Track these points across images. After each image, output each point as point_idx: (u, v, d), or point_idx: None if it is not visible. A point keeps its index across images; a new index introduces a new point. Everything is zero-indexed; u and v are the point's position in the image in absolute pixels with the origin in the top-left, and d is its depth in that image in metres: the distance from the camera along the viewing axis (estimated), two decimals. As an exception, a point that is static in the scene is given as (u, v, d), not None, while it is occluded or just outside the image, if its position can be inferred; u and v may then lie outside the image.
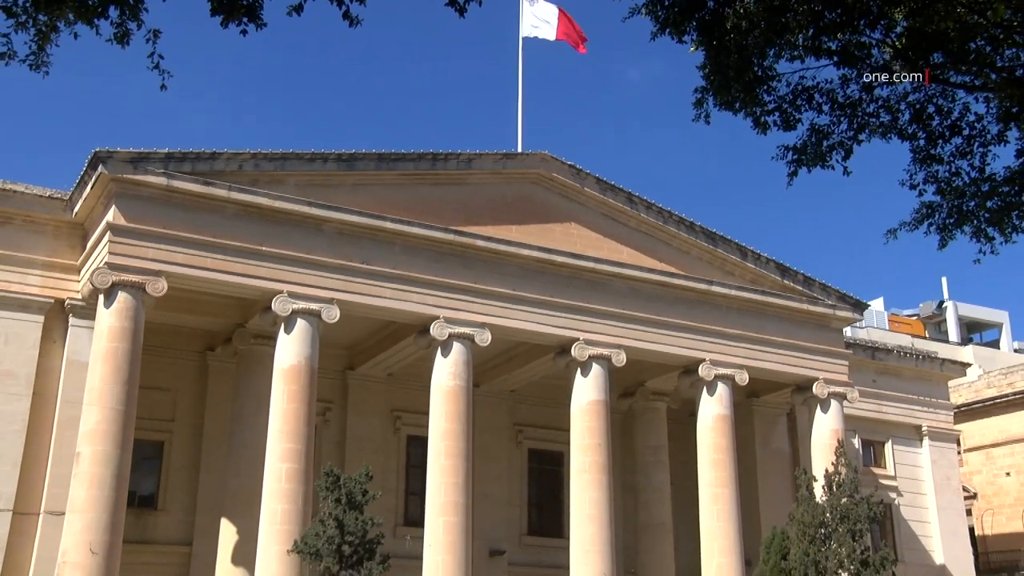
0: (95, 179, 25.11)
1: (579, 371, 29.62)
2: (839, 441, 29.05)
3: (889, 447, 39.53)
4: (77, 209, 26.50)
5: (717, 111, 14.01)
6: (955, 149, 14.46)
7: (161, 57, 10.90)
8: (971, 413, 48.11)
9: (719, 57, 13.22)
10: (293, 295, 26.11)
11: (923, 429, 39.94)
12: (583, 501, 28.52)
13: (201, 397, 30.48)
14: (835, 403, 32.66)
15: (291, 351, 25.99)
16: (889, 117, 14.40)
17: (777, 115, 14.13)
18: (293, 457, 25.05)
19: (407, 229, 27.72)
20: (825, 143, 14.39)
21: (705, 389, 31.27)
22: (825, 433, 32.20)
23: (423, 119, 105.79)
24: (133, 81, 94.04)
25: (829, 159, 14.51)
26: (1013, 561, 45.41)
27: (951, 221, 14.91)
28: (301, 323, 26.11)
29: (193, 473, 29.80)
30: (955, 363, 42.58)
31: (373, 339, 31.31)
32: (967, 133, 14.32)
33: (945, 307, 67.56)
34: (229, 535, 27.40)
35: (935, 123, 14.31)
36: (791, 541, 24.43)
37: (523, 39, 33.79)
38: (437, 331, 27.71)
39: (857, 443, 38.01)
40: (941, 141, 14.40)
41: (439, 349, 27.90)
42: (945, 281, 69.83)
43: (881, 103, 14.34)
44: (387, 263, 27.45)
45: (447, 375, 27.74)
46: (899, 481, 39.24)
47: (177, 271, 25.14)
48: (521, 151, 30.94)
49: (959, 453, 43.96)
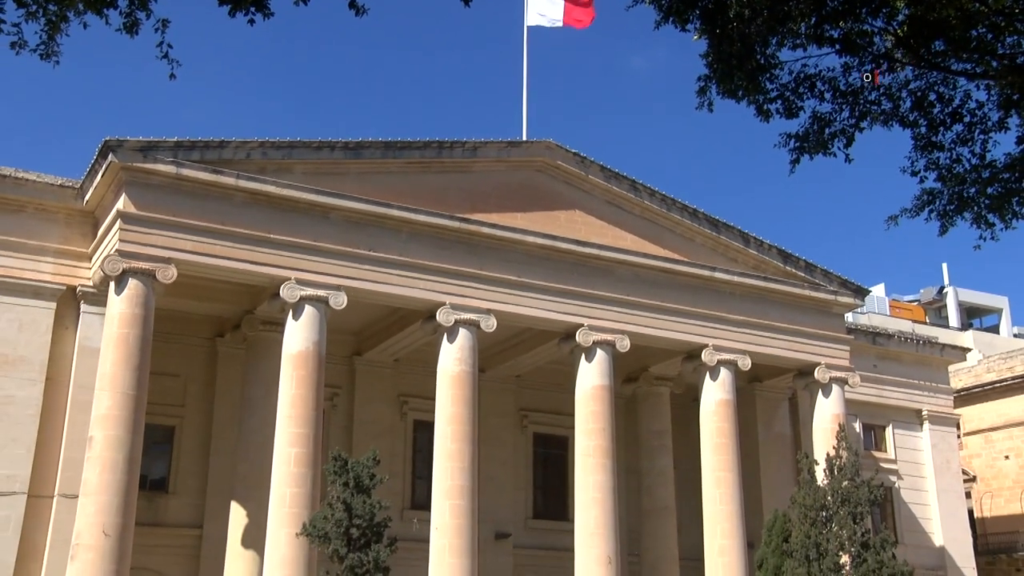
0: (105, 168, 25.14)
1: (583, 356, 29.63)
2: (840, 425, 29.05)
3: (890, 431, 39.54)
4: (88, 197, 26.53)
5: (720, 99, 13.99)
6: (956, 136, 14.42)
7: (170, 47, 10.90)
8: (971, 397, 48.10)
9: (722, 45, 13.18)
10: (301, 282, 26.13)
11: (923, 413, 39.95)
12: (587, 485, 28.58)
13: (211, 383, 30.55)
14: (836, 388, 32.66)
15: (299, 337, 26.04)
16: (890, 105, 14.35)
17: (779, 103, 14.09)
18: (301, 442, 25.13)
19: (413, 216, 27.72)
20: (827, 130, 14.36)
21: (708, 374, 31.29)
22: (826, 417, 32.22)
23: (428, 107, 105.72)
24: (142, 70, 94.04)
25: (831, 146, 14.48)
26: (1011, 542, 45.51)
27: (952, 208, 14.88)
28: (309, 309, 26.14)
29: (203, 457, 29.89)
30: (955, 348, 42.53)
31: (380, 325, 31.35)
32: (968, 120, 14.28)
33: (945, 293, 67.43)
34: (239, 518, 27.52)
35: (936, 110, 14.27)
36: (793, 524, 24.48)
37: (528, 28, 33.68)
38: (443, 317, 27.73)
39: (858, 427, 38.02)
40: (942, 128, 14.36)
41: (445, 335, 27.94)
42: (945, 267, 69.78)
43: (882, 91, 14.29)
44: (394, 250, 27.46)
45: (453, 361, 27.77)
46: (899, 464, 39.27)
47: (186, 258, 25.18)
48: (526, 139, 30.89)
49: (959, 437, 43.97)
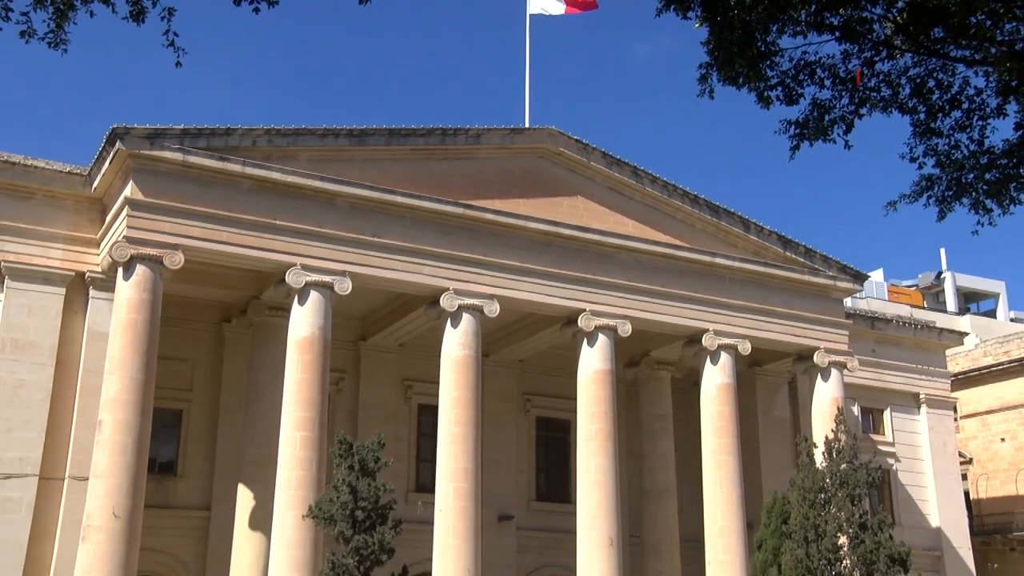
0: (113, 155, 25.13)
1: (585, 341, 29.64)
2: (839, 409, 29.06)
3: (888, 414, 39.56)
4: (96, 184, 26.53)
5: (721, 86, 13.92)
6: (955, 123, 14.36)
7: (176, 35, 10.90)
8: (968, 381, 48.09)
9: (723, 33, 13.13)
10: (306, 268, 26.14)
11: (921, 397, 39.96)
12: (589, 467, 28.63)
13: (218, 367, 30.61)
14: (835, 372, 32.67)
15: (305, 322, 26.06)
16: (890, 91, 14.29)
17: (780, 90, 14.04)
18: (307, 425, 25.18)
19: (417, 203, 27.70)
20: (827, 117, 14.31)
21: (708, 359, 31.30)
22: (825, 401, 32.24)
23: (432, 95, 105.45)
24: (149, 58, 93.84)
25: (831, 133, 14.42)
26: (1006, 523, 45.60)
27: (950, 193, 14.84)
28: (314, 295, 26.16)
29: (211, 440, 29.98)
30: (953, 332, 42.50)
31: (385, 310, 31.36)
32: (967, 107, 14.22)
33: (943, 278, 67.33)
34: (246, 500, 27.61)
35: (935, 97, 14.20)
36: (792, 506, 24.51)
37: (530, 16, 33.55)
38: (447, 302, 27.74)
39: (856, 411, 38.04)
40: (941, 115, 14.30)
41: (449, 320, 27.95)
42: (944, 252, 69.68)
43: (882, 78, 14.23)
44: (398, 236, 27.45)
45: (457, 345, 27.79)
46: (897, 447, 39.29)
47: (193, 244, 25.19)
48: (528, 126, 30.83)
49: (955, 420, 43.98)
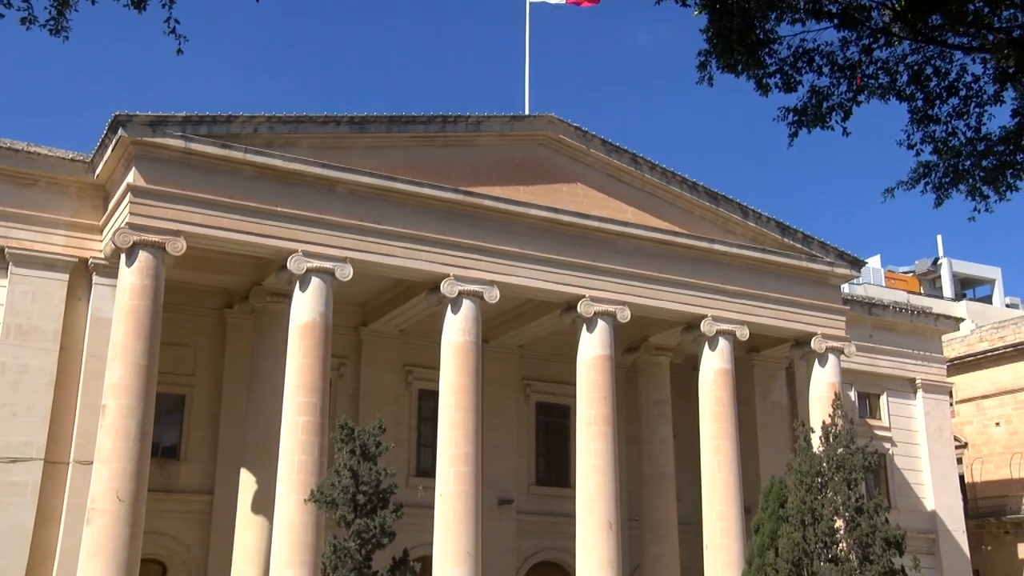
0: (115, 142, 25.08)
1: (585, 327, 29.64)
2: (836, 394, 29.04)
3: (884, 399, 39.60)
4: (99, 171, 26.48)
5: (720, 73, 13.86)
6: (952, 109, 14.30)
7: (177, 22, 10.87)
8: (963, 366, 48.15)
9: (722, 20, 13.07)
10: (308, 254, 26.11)
11: (917, 382, 39.99)
12: (589, 452, 28.67)
13: (220, 353, 30.63)
14: (832, 357, 32.68)
15: (306, 308, 26.05)
16: (888, 78, 14.22)
17: (778, 77, 13.97)
18: (309, 410, 25.20)
19: (418, 190, 27.66)
20: (825, 104, 14.25)
21: (707, 344, 31.30)
22: (822, 386, 32.27)
23: (432, 82, 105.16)
24: (151, 46, 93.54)
25: (829, 120, 14.37)
26: (1000, 506, 45.77)
27: (947, 180, 14.79)
28: (315, 281, 26.14)
29: (213, 425, 30.02)
30: (949, 318, 42.51)
31: (385, 296, 31.35)
32: (964, 94, 14.15)
33: (940, 264, 67.29)
34: (248, 484, 27.66)
35: (933, 84, 14.14)
36: (789, 490, 24.53)
37: (531, 3, 33.42)
38: (447, 289, 27.73)
39: (853, 395, 38.08)
40: (938, 102, 14.25)
41: (449, 306, 27.94)
42: (940, 239, 69.62)
43: (880, 65, 14.17)
44: (399, 223, 27.42)
45: (457, 331, 27.79)
46: (893, 432, 39.34)
47: (196, 231, 25.16)
48: (528, 113, 30.76)
49: (951, 405, 44.04)
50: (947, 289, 66.22)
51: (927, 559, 36.48)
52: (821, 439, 25.04)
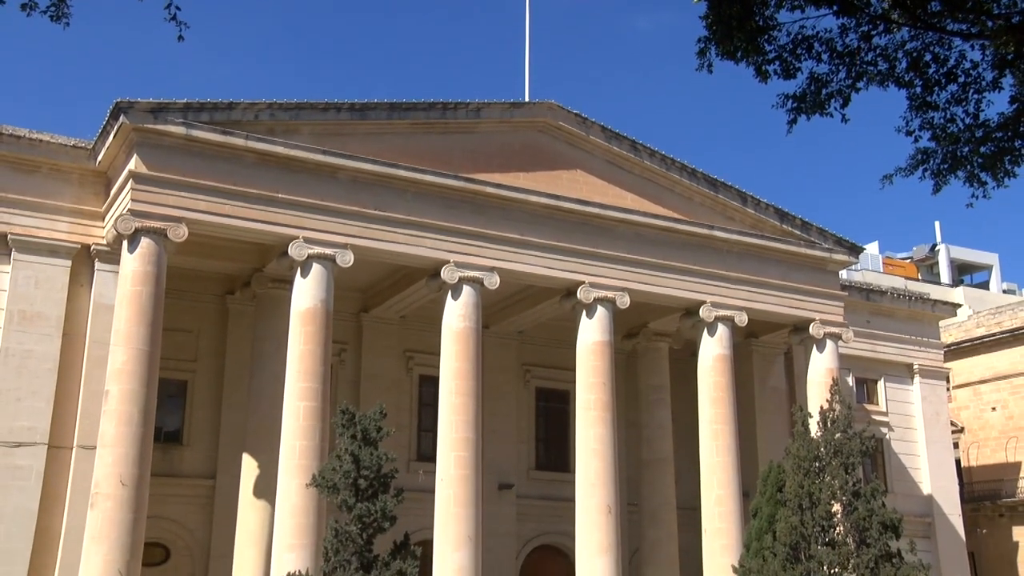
0: (117, 129, 25.02)
1: (584, 313, 29.64)
2: (834, 379, 29.03)
3: (882, 384, 39.63)
4: (100, 158, 26.43)
5: (720, 60, 13.82)
6: (950, 96, 14.27)
7: (178, 8, 10.85)
8: (960, 351, 48.20)
9: (721, 7, 13.03)
10: (309, 240, 26.09)
11: (914, 367, 40.02)
12: (588, 437, 28.71)
13: (222, 338, 30.64)
14: (830, 343, 32.70)
15: (307, 294, 26.04)
16: (886, 65, 14.18)
17: (778, 64, 13.93)
18: (310, 396, 25.23)
19: (418, 176, 27.61)
20: (824, 91, 14.22)
21: (706, 330, 31.31)
22: (820, 371, 32.29)
23: (432, 69, 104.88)
24: (152, 32, 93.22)
25: (828, 107, 14.34)
26: (995, 490, 45.93)
27: (945, 166, 14.76)
28: (317, 267, 26.13)
29: (215, 410, 30.06)
30: (946, 304, 42.51)
31: (386, 283, 31.33)
32: (962, 80, 14.12)
33: (938, 250, 67.28)
34: (251, 469, 27.72)
35: (931, 71, 14.10)
36: (787, 474, 24.55)
37: (530, -10, 33.27)
38: (448, 275, 27.71)
39: (851, 381, 38.11)
40: (937, 88, 14.21)
41: (450, 292, 27.94)
42: (938, 225, 69.63)
43: (879, 51, 14.12)
44: (399, 209, 27.38)
45: (457, 317, 27.79)
46: (890, 417, 39.40)
47: (197, 217, 25.13)
48: (528, 100, 30.68)
49: (948, 390, 44.10)
50: (945, 275, 66.23)
51: (923, 542, 36.56)
52: (819, 424, 25.04)
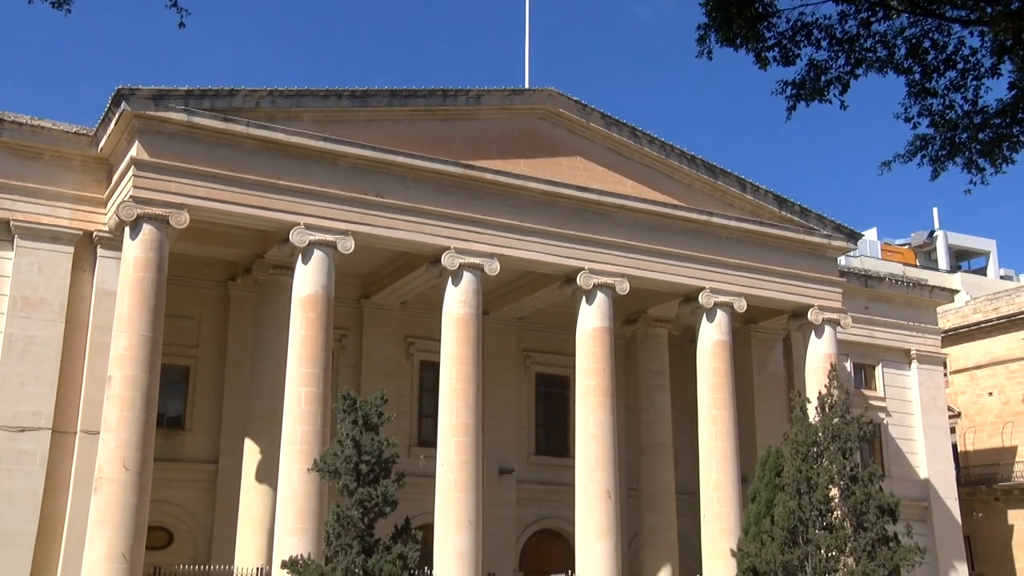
0: (118, 116, 24.95)
1: (584, 299, 29.62)
2: (832, 365, 29.08)
3: (879, 370, 39.63)
4: (102, 145, 26.37)
5: (719, 47, 13.76)
6: (949, 83, 14.20)
7: (178, -5, 10.76)
8: (957, 337, 48.20)
9: (721, -6, 12.96)
10: (310, 227, 26.05)
11: (912, 353, 40.01)
12: (588, 422, 28.73)
13: (224, 324, 30.64)
14: (829, 329, 32.69)
15: (308, 281, 26.02)
16: (885, 52, 14.11)
17: (777, 51, 13.86)
18: (312, 381, 25.24)
19: (419, 163, 27.55)
20: (823, 78, 14.15)
21: (705, 316, 31.29)
22: (819, 357, 32.29)
23: (433, 56, 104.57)
24: (153, 19, 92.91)
25: (827, 93, 14.27)
26: (991, 474, 46.03)
27: (944, 153, 14.70)
28: (318, 254, 26.10)
29: (218, 396, 30.08)
30: (944, 290, 42.46)
31: (387, 269, 31.30)
32: (961, 67, 14.05)
33: (935, 236, 67.21)
34: (253, 454, 27.75)
35: (930, 57, 14.04)
36: (785, 459, 24.61)
37: (530, -23, 33.11)
38: (448, 261, 27.68)
39: (849, 366, 38.11)
40: (936, 75, 14.15)
41: (450, 278, 27.91)
42: (936, 211, 69.53)
43: (878, 38, 14.05)
44: (400, 196, 27.33)
45: (458, 303, 27.78)
46: (888, 402, 39.42)
47: (199, 204, 25.09)
48: (528, 87, 30.58)
49: (945, 375, 44.12)
50: (942, 261, 66.19)
51: (920, 526, 36.62)
52: (817, 409, 25.09)
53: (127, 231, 24.69)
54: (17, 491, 24.53)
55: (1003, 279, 65.52)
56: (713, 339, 31.15)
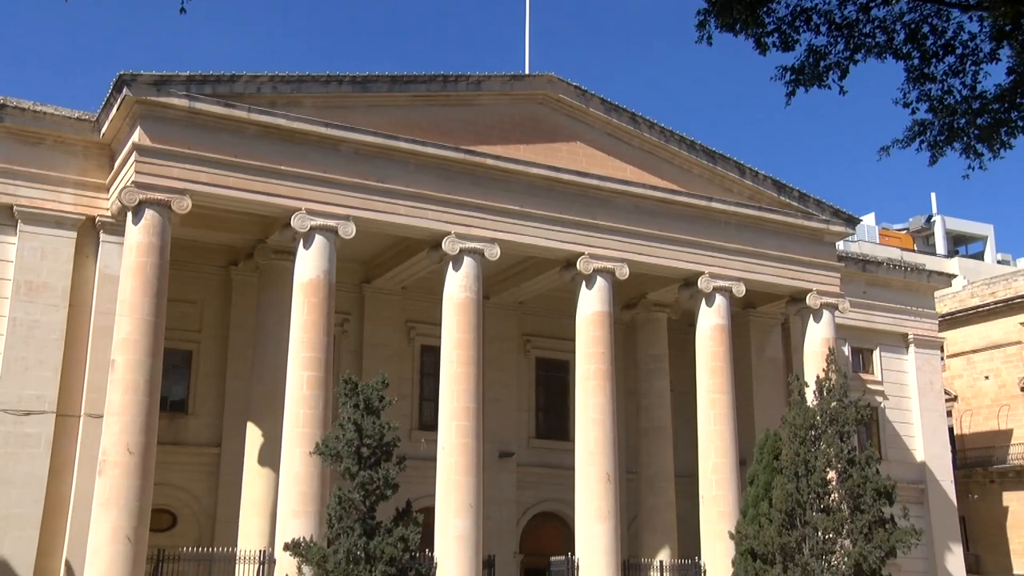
0: (120, 101, 24.89)
1: (584, 284, 29.61)
2: (830, 349, 29.10)
3: (877, 354, 39.67)
4: (104, 130, 26.32)
5: (719, 33, 13.67)
6: (948, 68, 14.13)
7: (179, -19, 10.71)
8: (955, 321, 48.24)
9: (721, -21, 12.88)
10: (311, 212, 26.03)
11: (909, 337, 40.04)
12: (587, 406, 28.77)
13: (226, 309, 30.65)
14: (827, 313, 32.69)
15: (310, 266, 26.01)
16: (884, 37, 14.03)
17: (776, 36, 13.77)
18: (313, 365, 25.26)
19: (420, 148, 27.50)
20: (822, 63, 14.07)
21: (704, 300, 31.29)
22: (817, 341, 32.31)
23: (433, 42, 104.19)
24: (154, 4, 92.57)
25: (826, 79, 14.19)
26: (987, 456, 46.20)
27: (942, 138, 14.63)
28: (319, 239, 26.08)
29: (220, 380, 30.12)
30: (941, 275, 42.48)
31: (388, 254, 31.29)
32: (960, 52, 13.98)
33: (933, 221, 67.16)
34: (255, 437, 27.81)
35: (929, 42, 13.96)
36: (783, 442, 24.64)
37: (530, -38, 32.95)
38: (449, 246, 27.66)
39: (847, 351, 38.14)
40: (935, 60, 14.07)
41: (451, 263, 27.90)
42: (934, 196, 69.45)
43: (877, 23, 13.98)
44: (401, 181, 27.29)
45: (458, 288, 27.77)
46: (885, 386, 39.47)
47: (201, 189, 25.05)
48: (528, 73, 30.50)
49: (942, 359, 44.16)
50: (940, 246, 66.17)
51: (916, 508, 36.80)
52: (815, 393, 25.09)
53: (129, 216, 24.67)
54: (23, 474, 24.62)
55: (1000, 264, 65.52)
56: (712, 323, 31.16)
